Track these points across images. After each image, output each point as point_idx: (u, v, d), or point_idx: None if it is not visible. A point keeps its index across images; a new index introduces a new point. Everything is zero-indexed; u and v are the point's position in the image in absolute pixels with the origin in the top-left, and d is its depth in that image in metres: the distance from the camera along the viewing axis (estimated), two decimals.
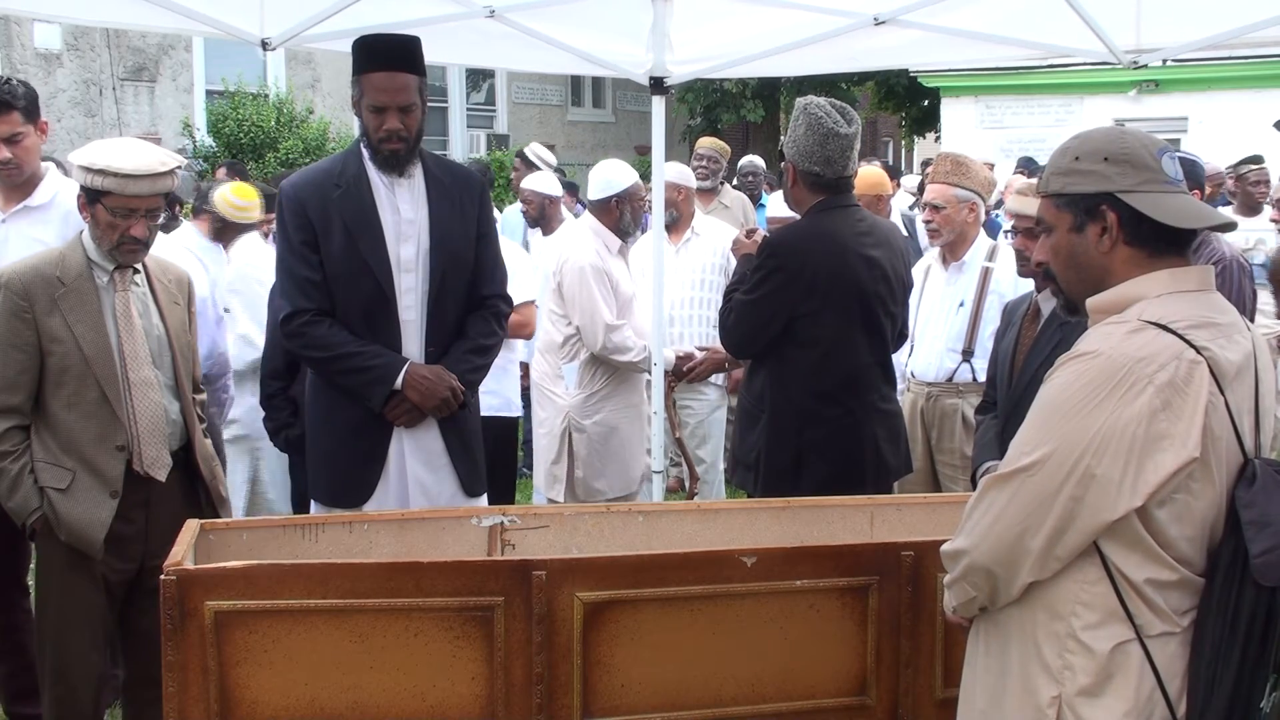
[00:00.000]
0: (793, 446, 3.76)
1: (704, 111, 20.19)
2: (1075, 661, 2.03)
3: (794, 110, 3.81)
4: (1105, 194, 2.06)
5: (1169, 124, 14.71)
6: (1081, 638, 2.03)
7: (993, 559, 2.09)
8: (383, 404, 3.39)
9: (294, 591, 2.55)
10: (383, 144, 3.39)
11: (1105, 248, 2.08)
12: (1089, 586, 2.02)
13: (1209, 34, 4.36)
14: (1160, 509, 1.97)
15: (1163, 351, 1.96)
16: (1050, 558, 2.03)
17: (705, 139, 8.16)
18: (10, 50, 13.71)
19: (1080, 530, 1.99)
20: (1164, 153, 2.07)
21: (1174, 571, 1.99)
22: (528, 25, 4.67)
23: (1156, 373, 1.94)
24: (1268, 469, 2.00)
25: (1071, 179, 2.10)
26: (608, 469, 4.84)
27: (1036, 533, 2.02)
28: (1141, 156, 2.05)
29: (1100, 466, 1.95)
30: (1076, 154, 2.11)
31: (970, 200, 4.67)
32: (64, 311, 3.23)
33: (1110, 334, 2.02)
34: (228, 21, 4.38)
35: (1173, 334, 1.97)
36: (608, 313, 4.71)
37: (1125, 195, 2.04)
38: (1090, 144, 2.10)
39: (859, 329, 3.78)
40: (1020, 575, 2.07)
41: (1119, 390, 1.95)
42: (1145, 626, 2.00)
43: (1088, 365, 2.00)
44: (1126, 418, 1.94)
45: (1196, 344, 1.97)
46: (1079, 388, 1.99)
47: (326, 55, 14.31)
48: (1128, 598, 2.00)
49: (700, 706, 2.74)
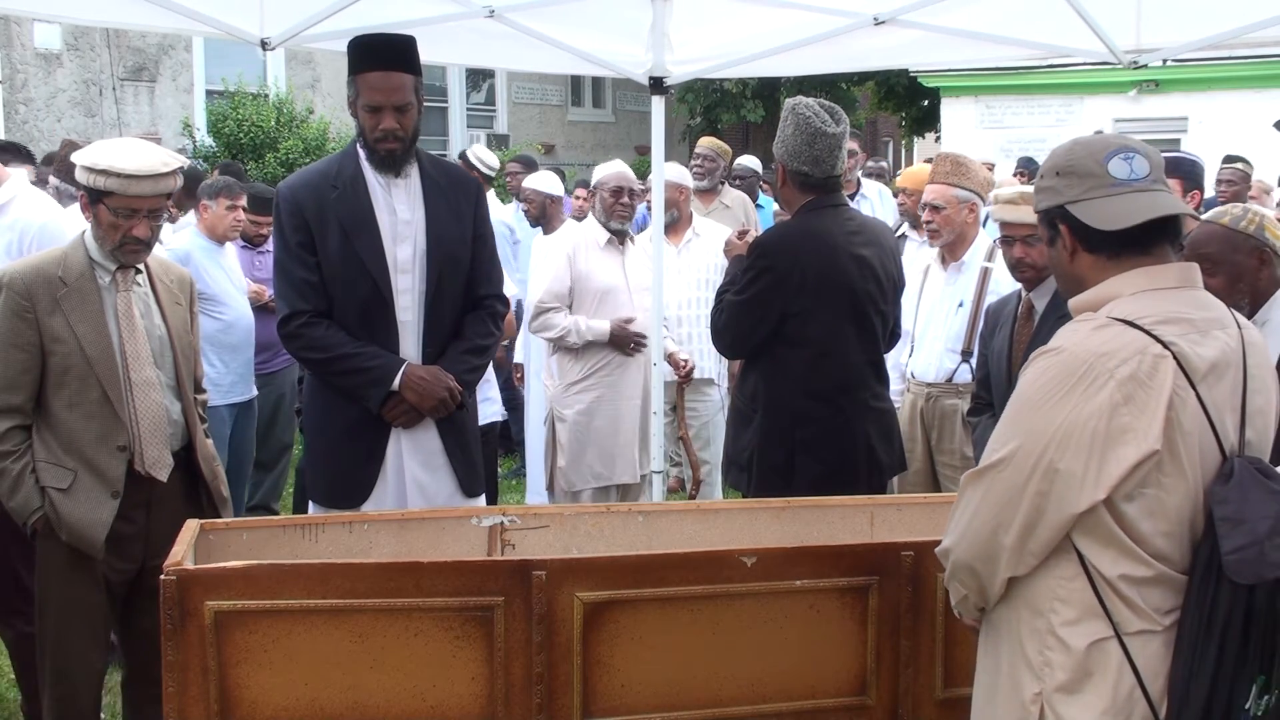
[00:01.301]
0: (785, 445, 3.77)
1: (704, 111, 20.20)
2: (1054, 658, 2.05)
3: (783, 110, 3.84)
4: (1058, 208, 2.13)
5: (1169, 124, 14.71)
6: (1060, 634, 2.05)
7: (972, 556, 2.13)
8: (380, 405, 3.40)
9: (294, 591, 2.55)
10: (379, 144, 3.40)
11: (1067, 258, 2.15)
12: (1066, 583, 2.04)
13: (1209, 34, 4.36)
14: (1129, 503, 1.98)
15: (1126, 347, 1.98)
16: (1025, 553, 2.05)
17: (705, 139, 8.15)
18: (10, 50, 13.71)
19: (1049, 525, 2.01)
20: (1114, 155, 2.08)
21: (1149, 568, 2.00)
22: (527, 25, 4.67)
23: (1118, 367, 1.96)
24: (1247, 467, 2.00)
25: (1040, 196, 2.19)
26: (586, 456, 4.92)
27: (1009, 528, 2.05)
28: (1085, 164, 2.09)
29: (1063, 460, 1.98)
30: (1043, 172, 2.18)
31: (970, 200, 4.68)
32: (66, 311, 3.23)
33: (1076, 330, 2.06)
34: (228, 21, 4.38)
35: (1138, 329, 1.99)
36: (544, 291, 5.01)
37: (1070, 206, 2.10)
38: (1050, 161, 2.18)
39: (850, 328, 3.79)
40: (999, 571, 2.09)
41: (1081, 385, 1.98)
42: (1123, 624, 2.01)
43: (1052, 361, 2.04)
44: (1088, 412, 1.97)
45: (1164, 339, 1.98)
46: (1043, 383, 2.03)
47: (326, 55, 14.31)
48: (1104, 594, 2.01)
49: (700, 706, 2.75)
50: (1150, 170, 2.08)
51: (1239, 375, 2.06)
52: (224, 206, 5.54)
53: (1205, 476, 2.01)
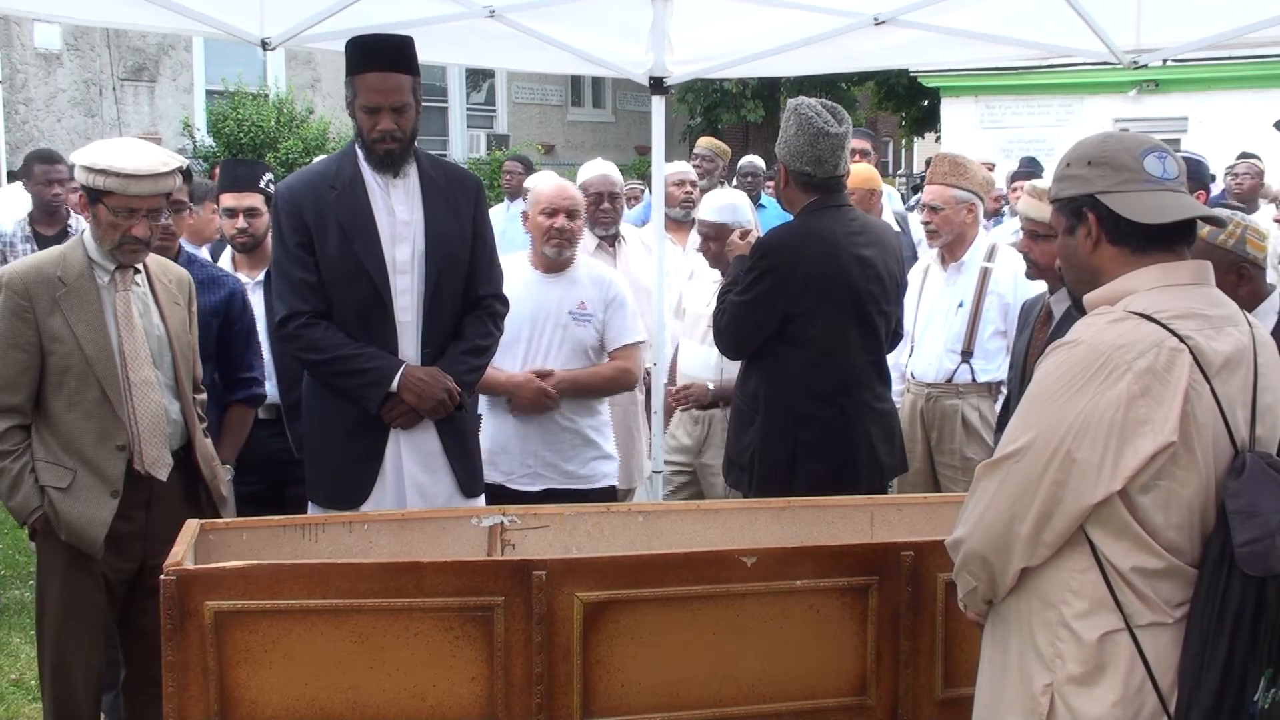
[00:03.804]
0: (787, 446, 3.76)
1: (704, 111, 20.20)
2: (1065, 650, 2.06)
3: (785, 111, 3.83)
4: (1087, 196, 2.13)
5: (1169, 124, 14.71)
6: (1071, 625, 2.06)
7: (985, 546, 2.14)
8: (379, 406, 3.39)
9: (294, 591, 2.55)
10: (377, 144, 3.40)
11: (1089, 247, 2.15)
12: (1079, 574, 2.06)
13: (1209, 34, 4.37)
14: (1144, 495, 2.00)
15: (1143, 339, 2.00)
16: (1039, 543, 2.07)
17: (704, 139, 8.16)
18: (10, 50, 13.71)
19: (1064, 515, 2.03)
20: (1149, 153, 2.11)
21: (1161, 560, 2.01)
22: (528, 25, 4.68)
23: (1136, 360, 1.98)
24: (1259, 461, 2.02)
25: (1063, 184, 2.18)
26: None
27: (1024, 518, 2.06)
28: (1121, 158, 2.11)
29: (1080, 451, 2.00)
30: (1069, 160, 2.18)
31: (969, 201, 4.68)
32: (65, 311, 3.23)
33: (1093, 323, 2.08)
34: (228, 21, 4.38)
35: (1155, 323, 2.01)
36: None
37: (1103, 196, 2.11)
38: (1079, 149, 2.18)
39: (852, 328, 3.78)
40: (1013, 562, 2.10)
41: (1099, 377, 2.00)
42: (1134, 616, 2.02)
43: (1070, 353, 2.06)
44: (1105, 403, 1.98)
45: (1180, 333, 2.01)
46: (1060, 375, 2.05)
47: (326, 55, 14.30)
48: (1116, 586, 2.02)
49: (700, 706, 2.74)
50: (1179, 174, 2.13)
51: (1250, 371, 2.08)
52: (209, 210, 5.52)
53: (1218, 470, 2.02)
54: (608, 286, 4.22)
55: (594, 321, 4.16)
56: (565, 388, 4.05)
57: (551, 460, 4.07)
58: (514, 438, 4.07)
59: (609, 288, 4.22)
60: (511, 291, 3.80)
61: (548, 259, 4.13)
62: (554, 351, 4.11)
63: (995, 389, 4.55)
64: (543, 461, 4.06)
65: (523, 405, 4.03)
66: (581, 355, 4.14)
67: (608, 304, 4.18)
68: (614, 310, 4.18)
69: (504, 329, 3.73)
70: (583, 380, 4.11)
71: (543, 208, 4.12)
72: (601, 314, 4.17)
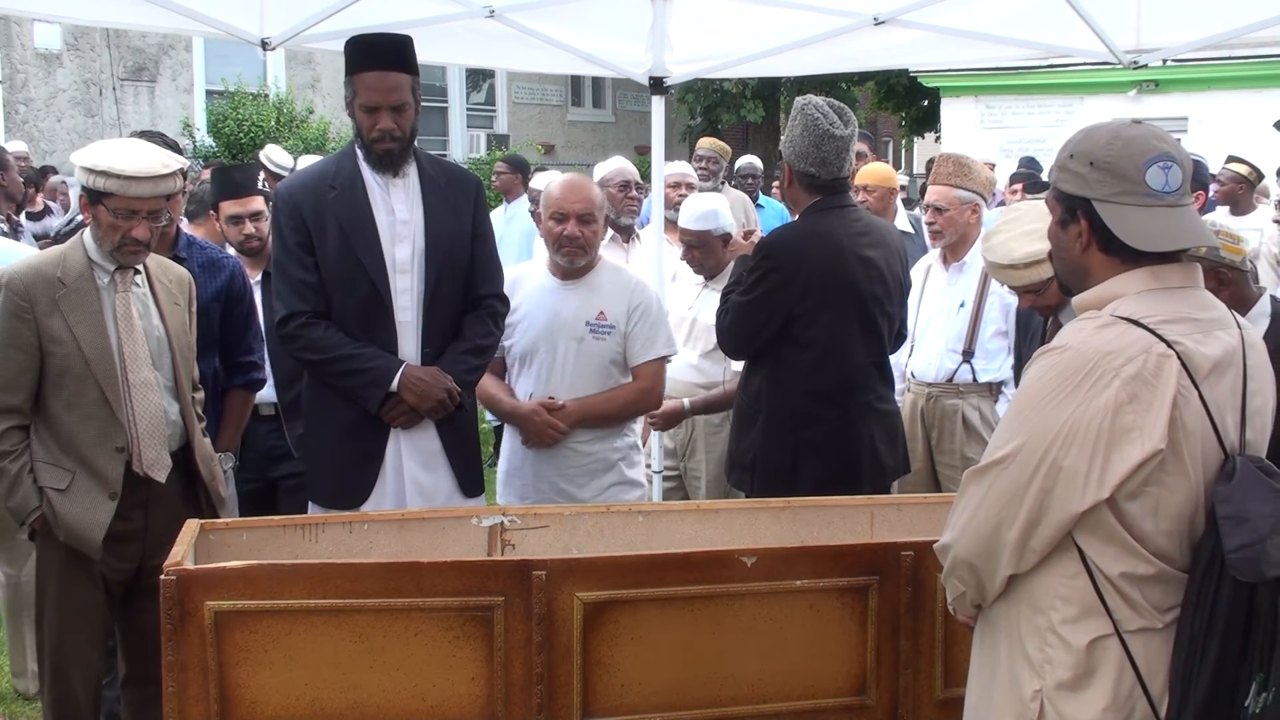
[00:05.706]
0: (789, 447, 3.76)
1: (704, 112, 20.20)
2: (1055, 655, 2.05)
3: (792, 109, 3.80)
4: (1083, 199, 2.08)
5: (1169, 124, 14.66)
6: (1060, 631, 2.05)
7: (972, 552, 2.12)
8: (379, 406, 3.39)
9: (294, 591, 2.55)
10: (376, 144, 3.39)
11: (1080, 248, 2.12)
12: (1067, 580, 2.04)
13: (1209, 34, 4.37)
14: (1132, 502, 1.98)
15: (1131, 345, 1.98)
16: (1026, 550, 2.05)
17: (705, 139, 8.16)
18: (10, 50, 13.72)
19: (1051, 522, 2.01)
20: (1154, 162, 2.03)
21: (1150, 565, 2.00)
22: (527, 25, 4.68)
23: (1123, 366, 1.96)
24: (1249, 466, 2.00)
25: (1063, 175, 2.13)
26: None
27: (1011, 525, 2.04)
28: (1123, 166, 2.04)
29: (1067, 458, 1.98)
30: (1073, 150, 2.12)
31: (972, 201, 4.67)
32: (64, 312, 3.23)
33: (1081, 329, 2.05)
34: (228, 21, 4.38)
35: (1143, 328, 1.99)
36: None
37: (1099, 204, 2.06)
38: (1086, 144, 2.10)
39: (855, 329, 3.77)
40: (1000, 569, 2.09)
41: (1086, 383, 1.97)
42: (1123, 621, 2.01)
43: (1057, 359, 2.03)
44: (1093, 410, 1.96)
45: (1168, 338, 1.98)
46: (1047, 381, 2.02)
47: (326, 55, 14.31)
48: (1105, 592, 2.01)
49: (700, 706, 2.74)
50: (1182, 182, 2.06)
51: (1239, 375, 2.06)
52: (212, 222, 5.50)
53: (1207, 475, 2.01)
54: (632, 293, 3.86)
55: (615, 334, 3.80)
56: (575, 420, 3.75)
57: (563, 487, 3.79)
58: (527, 461, 3.84)
59: (633, 295, 3.85)
60: (528, 301, 3.71)
61: (563, 266, 3.83)
62: (570, 369, 3.79)
63: (996, 389, 4.55)
64: (555, 488, 3.79)
65: (528, 438, 3.81)
66: (602, 372, 3.81)
67: (631, 313, 3.82)
68: (637, 321, 3.82)
69: (519, 337, 3.67)
70: (598, 409, 3.78)
71: (552, 212, 3.78)
72: (624, 325, 3.81)
